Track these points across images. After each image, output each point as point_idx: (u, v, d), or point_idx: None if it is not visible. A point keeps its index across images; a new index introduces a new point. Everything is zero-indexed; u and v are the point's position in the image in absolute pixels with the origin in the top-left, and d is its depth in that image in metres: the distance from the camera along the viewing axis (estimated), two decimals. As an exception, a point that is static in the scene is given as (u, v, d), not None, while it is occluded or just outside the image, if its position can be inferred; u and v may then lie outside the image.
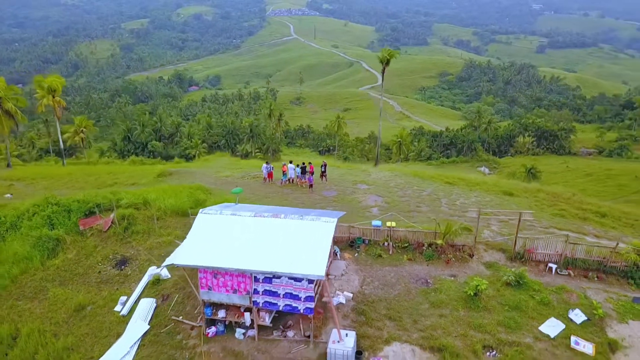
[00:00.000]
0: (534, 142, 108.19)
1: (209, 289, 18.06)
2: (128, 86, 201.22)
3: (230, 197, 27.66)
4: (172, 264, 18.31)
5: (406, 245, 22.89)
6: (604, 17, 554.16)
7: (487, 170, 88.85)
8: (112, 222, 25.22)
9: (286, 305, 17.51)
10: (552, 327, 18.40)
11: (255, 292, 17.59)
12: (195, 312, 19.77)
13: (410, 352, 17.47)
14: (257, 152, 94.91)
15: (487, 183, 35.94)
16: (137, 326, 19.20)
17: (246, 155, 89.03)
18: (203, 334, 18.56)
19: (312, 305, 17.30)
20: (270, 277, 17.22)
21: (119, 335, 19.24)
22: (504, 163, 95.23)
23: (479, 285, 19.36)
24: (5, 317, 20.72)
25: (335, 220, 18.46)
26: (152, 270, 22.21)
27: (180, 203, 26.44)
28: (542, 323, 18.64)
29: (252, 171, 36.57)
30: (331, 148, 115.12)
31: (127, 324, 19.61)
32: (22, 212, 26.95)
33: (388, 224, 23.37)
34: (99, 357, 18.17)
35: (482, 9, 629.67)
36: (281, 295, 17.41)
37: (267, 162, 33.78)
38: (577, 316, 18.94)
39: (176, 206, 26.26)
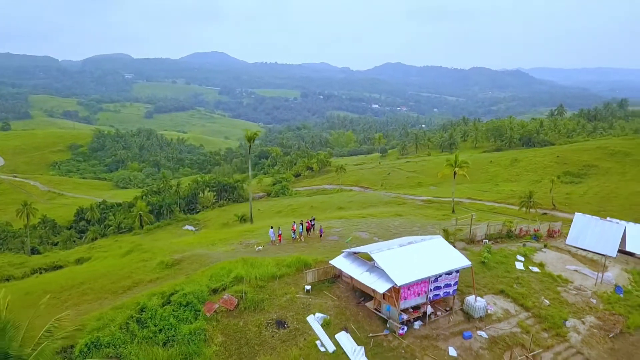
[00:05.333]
0: (216, 196, 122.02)
1: (404, 299, 27.05)
2: None
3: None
4: (395, 285, 26.11)
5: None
6: (190, 84, 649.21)
7: (192, 228, 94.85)
8: (237, 300, 28.33)
9: (445, 292, 28.59)
10: (519, 264, 35.94)
11: (430, 290, 27.91)
12: (373, 327, 27.73)
13: (491, 297, 31.50)
14: None
15: (386, 212, 52.39)
16: (355, 350, 25.79)
17: None
18: (397, 335, 27.12)
19: (456, 287, 29.02)
20: (437, 277, 28.00)
21: (346, 363, 25.30)
22: (202, 218, 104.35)
23: (486, 256, 35.17)
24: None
25: (440, 236, 30.71)
26: (313, 318, 27.93)
27: (268, 269, 31.48)
28: (514, 266, 35.94)
29: (240, 240, 41.11)
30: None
31: (344, 354, 25.70)
32: (119, 326, 25.91)
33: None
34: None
35: (75, 78, 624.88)
36: (442, 287, 28.39)
37: (271, 227, 39.47)
38: (521, 257, 37.21)
39: (268, 273, 31.20)
